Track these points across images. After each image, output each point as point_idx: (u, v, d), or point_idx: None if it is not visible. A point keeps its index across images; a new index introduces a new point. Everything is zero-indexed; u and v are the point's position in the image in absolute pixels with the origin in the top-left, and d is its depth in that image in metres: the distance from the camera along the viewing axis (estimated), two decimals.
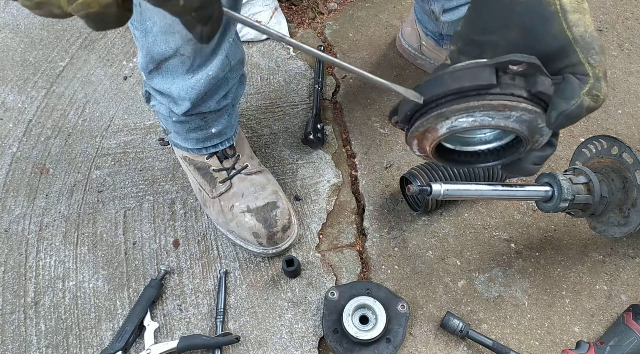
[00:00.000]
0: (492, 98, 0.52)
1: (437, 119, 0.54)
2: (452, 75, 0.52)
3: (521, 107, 0.52)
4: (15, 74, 1.29)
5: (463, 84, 0.52)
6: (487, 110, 0.52)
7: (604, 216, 0.92)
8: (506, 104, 0.52)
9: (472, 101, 0.52)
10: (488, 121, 0.53)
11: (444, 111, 0.53)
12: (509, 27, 0.54)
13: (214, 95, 0.90)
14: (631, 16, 1.38)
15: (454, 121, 0.54)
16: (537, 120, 0.54)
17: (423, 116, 0.55)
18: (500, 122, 0.53)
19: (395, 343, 0.89)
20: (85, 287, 1.00)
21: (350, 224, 1.08)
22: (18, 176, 1.14)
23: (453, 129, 0.55)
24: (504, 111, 0.52)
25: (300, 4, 1.45)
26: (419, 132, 0.57)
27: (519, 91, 0.52)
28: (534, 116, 0.53)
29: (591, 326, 0.96)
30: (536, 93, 0.52)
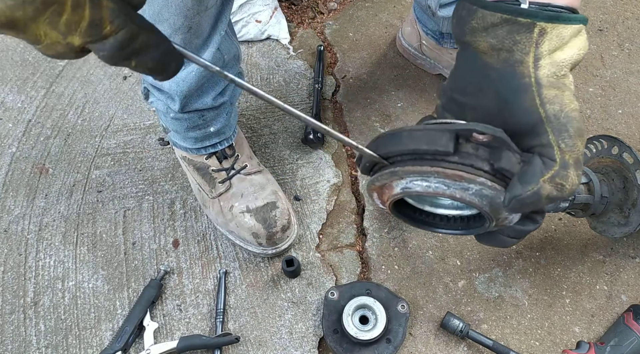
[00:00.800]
0: (446, 166, 0.47)
1: (391, 176, 0.50)
2: (410, 134, 0.49)
3: (479, 181, 0.47)
4: (15, 73, 1.29)
5: (419, 147, 0.48)
6: (442, 178, 0.48)
7: (605, 216, 0.92)
8: (462, 175, 0.47)
9: (426, 166, 0.48)
10: (443, 189, 0.49)
11: (398, 170, 0.49)
12: (483, 92, 0.50)
13: (210, 91, 0.90)
14: (631, 16, 1.38)
15: (408, 182, 0.50)
16: (500, 197, 0.49)
17: (379, 171, 0.52)
18: (456, 192, 0.49)
19: (395, 343, 0.89)
20: (84, 287, 1.00)
21: (350, 224, 1.08)
22: (17, 175, 1.13)
23: (406, 191, 0.51)
24: (461, 182, 0.48)
25: (300, 3, 1.44)
26: (375, 186, 0.53)
27: (480, 164, 0.48)
28: (494, 192, 0.48)
29: (591, 326, 0.96)
30: (498, 169, 0.48)
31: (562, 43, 0.47)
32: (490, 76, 0.49)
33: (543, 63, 0.47)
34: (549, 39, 0.46)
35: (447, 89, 0.54)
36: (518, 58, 0.47)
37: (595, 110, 1.21)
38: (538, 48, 0.46)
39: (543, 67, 0.47)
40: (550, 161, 0.46)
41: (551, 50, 0.47)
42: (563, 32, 0.46)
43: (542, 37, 0.46)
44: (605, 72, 1.27)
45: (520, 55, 0.47)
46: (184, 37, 0.79)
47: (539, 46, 0.46)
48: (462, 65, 0.52)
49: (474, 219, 0.57)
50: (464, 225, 0.58)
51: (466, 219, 0.58)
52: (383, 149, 0.51)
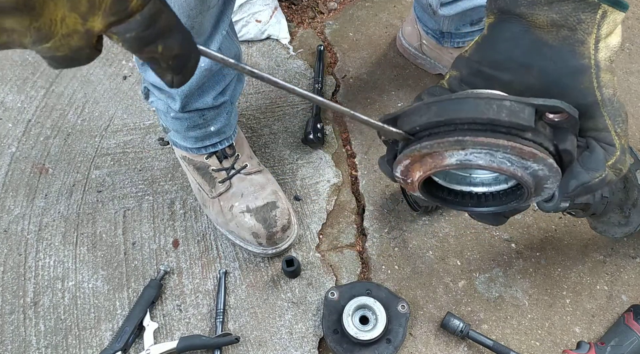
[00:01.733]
0: (524, 142, 0.44)
1: (452, 145, 0.45)
2: (487, 102, 0.44)
3: (547, 162, 0.45)
4: (15, 73, 1.29)
5: (499, 117, 0.44)
6: (512, 154, 0.45)
7: (605, 216, 0.92)
8: (536, 154, 0.45)
9: (502, 139, 0.44)
10: (507, 166, 0.46)
11: (466, 139, 0.44)
12: (529, 69, 0.48)
13: (210, 90, 0.90)
14: (632, 16, 1.38)
15: (469, 154, 0.46)
16: (550, 179, 0.47)
17: (434, 137, 0.46)
18: (517, 171, 0.46)
19: (395, 344, 0.89)
20: (84, 287, 1.00)
21: (350, 224, 1.07)
22: (17, 175, 1.13)
23: (465, 163, 0.47)
24: (527, 160, 0.45)
25: (300, 3, 1.44)
26: (418, 154, 0.48)
27: (547, 143, 0.46)
28: (551, 174, 0.47)
29: (592, 327, 0.95)
30: (562, 150, 0.46)
31: (614, 28, 0.47)
32: (542, 53, 0.47)
33: (601, 46, 0.46)
34: (607, 23, 0.46)
35: (472, 61, 0.52)
36: (580, 38, 0.46)
37: None
38: (599, 30, 0.46)
39: (601, 50, 0.46)
40: (610, 146, 0.47)
41: (607, 34, 0.46)
42: (617, 18, 0.46)
43: (603, 20, 0.45)
44: None
45: (583, 35, 0.46)
46: None
47: (600, 28, 0.46)
48: (500, 38, 0.49)
49: (496, 196, 0.55)
50: (487, 203, 0.55)
51: (489, 197, 0.55)
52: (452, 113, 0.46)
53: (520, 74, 0.48)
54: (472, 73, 0.52)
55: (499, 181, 0.55)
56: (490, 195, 0.55)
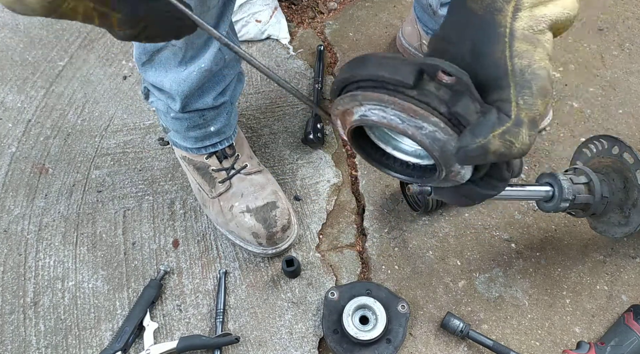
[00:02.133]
0: (403, 98, 0.46)
1: (352, 101, 0.49)
2: (378, 60, 0.47)
3: (432, 121, 0.45)
4: (15, 73, 1.29)
5: (381, 73, 0.46)
6: (398, 110, 0.46)
7: (605, 216, 0.92)
8: (416, 110, 0.45)
9: (385, 94, 0.46)
10: (397, 122, 0.47)
11: (358, 94, 0.48)
12: (462, 40, 0.48)
13: (210, 91, 0.90)
14: (632, 16, 1.38)
15: (367, 110, 0.49)
16: (452, 144, 0.47)
17: (342, 94, 0.50)
18: (408, 129, 0.47)
19: (395, 344, 0.89)
20: (84, 287, 1.00)
21: (350, 224, 1.07)
22: (17, 175, 1.13)
23: (363, 119, 0.50)
24: (415, 118, 0.46)
25: (300, 3, 1.44)
26: (339, 111, 0.52)
27: (436, 104, 0.46)
28: (447, 137, 0.46)
29: (592, 327, 0.95)
30: (454, 113, 0.45)
31: None
32: (471, 22, 0.47)
33: (522, 15, 0.45)
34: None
35: (433, 39, 0.53)
36: (499, 6, 0.45)
37: (596, 110, 1.21)
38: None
39: (521, 18, 0.45)
40: (505, 116, 0.44)
41: (534, 3, 0.45)
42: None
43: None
44: (606, 72, 1.27)
45: (501, 3, 0.45)
46: (186, 38, 0.79)
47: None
48: (450, 13, 0.50)
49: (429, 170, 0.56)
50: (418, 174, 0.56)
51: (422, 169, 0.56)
52: (348, 71, 0.49)
53: (458, 46, 0.48)
54: (432, 50, 0.52)
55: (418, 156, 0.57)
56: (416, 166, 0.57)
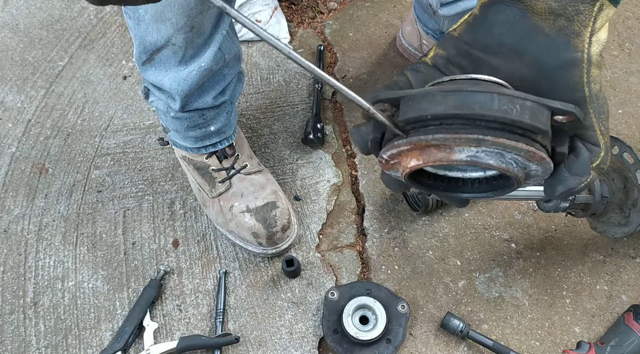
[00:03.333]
0: (537, 147, 0.43)
1: (470, 142, 0.43)
2: (510, 100, 0.42)
3: (547, 166, 0.44)
4: (15, 73, 1.29)
5: (522, 119, 0.41)
6: (522, 156, 0.43)
7: (605, 216, 0.92)
8: (544, 158, 0.43)
9: (522, 142, 0.42)
10: (512, 167, 0.44)
11: (487, 139, 0.42)
12: (522, 56, 0.45)
13: (210, 90, 0.90)
14: (632, 16, 1.38)
15: (480, 152, 0.43)
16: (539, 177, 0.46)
17: (448, 130, 0.43)
18: (519, 171, 0.45)
19: (395, 344, 0.89)
20: (84, 287, 1.00)
21: (350, 224, 1.07)
22: (17, 175, 1.13)
23: (474, 161, 0.44)
24: (532, 162, 0.44)
25: (300, 3, 1.44)
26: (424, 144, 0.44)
27: (549, 145, 0.44)
28: (543, 175, 0.46)
29: (592, 327, 0.95)
30: (559, 153, 0.44)
31: (605, 22, 0.45)
32: (537, 41, 0.45)
33: (594, 39, 0.45)
34: (602, 17, 0.44)
35: (462, 42, 0.49)
36: (576, 29, 0.44)
37: None
38: (595, 23, 0.44)
39: (594, 44, 0.45)
40: (595, 147, 0.45)
41: (599, 28, 0.45)
42: (610, 13, 0.45)
43: (599, 13, 0.44)
44: (606, 72, 1.27)
45: (579, 27, 0.44)
46: (186, 37, 0.79)
47: (596, 22, 0.44)
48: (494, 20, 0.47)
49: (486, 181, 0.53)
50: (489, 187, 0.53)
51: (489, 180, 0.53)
52: (459, 108, 0.42)
53: (511, 61, 0.46)
54: (460, 54, 0.50)
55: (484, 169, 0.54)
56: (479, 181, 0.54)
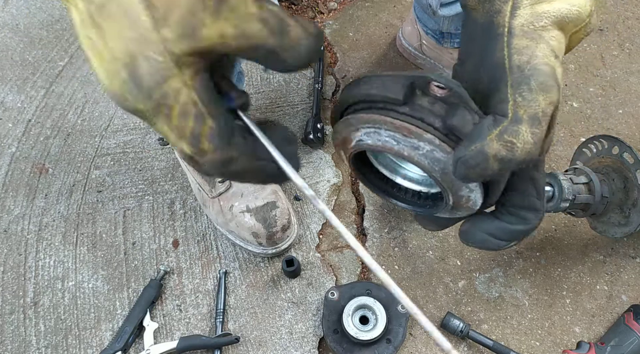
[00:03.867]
0: (395, 116, 0.42)
1: (347, 127, 0.45)
2: (370, 79, 0.44)
3: (427, 138, 0.41)
4: (15, 73, 1.29)
5: (370, 92, 0.43)
6: (392, 130, 0.42)
7: (605, 216, 0.92)
8: (409, 128, 0.41)
9: (376, 114, 0.42)
10: (392, 144, 0.43)
11: (351, 118, 0.45)
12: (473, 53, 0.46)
13: None
14: (632, 16, 1.38)
15: (362, 135, 0.45)
16: None
17: (337, 121, 0.47)
18: (404, 150, 0.43)
19: (395, 344, 0.89)
20: (84, 287, 1.00)
21: (351, 224, 1.07)
22: (17, 175, 1.13)
23: (360, 144, 0.45)
24: (410, 138, 0.42)
25: (300, 3, 1.44)
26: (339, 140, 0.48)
27: (431, 119, 0.41)
28: (446, 156, 0.42)
29: (592, 327, 0.95)
30: (450, 126, 0.41)
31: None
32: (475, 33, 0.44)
33: (521, 12, 0.42)
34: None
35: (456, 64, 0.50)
36: (497, 8, 0.43)
37: (596, 110, 1.21)
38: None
39: (519, 16, 0.42)
40: (501, 117, 0.40)
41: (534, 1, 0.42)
42: None
43: None
44: (606, 72, 1.27)
45: (499, 4, 0.43)
46: None
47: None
48: (462, 34, 0.48)
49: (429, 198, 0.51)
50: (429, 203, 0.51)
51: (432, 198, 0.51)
52: (342, 95, 0.46)
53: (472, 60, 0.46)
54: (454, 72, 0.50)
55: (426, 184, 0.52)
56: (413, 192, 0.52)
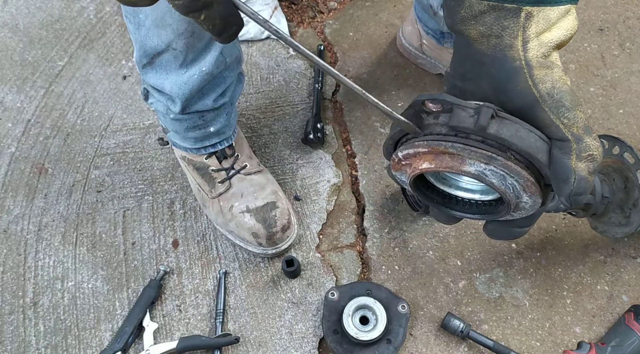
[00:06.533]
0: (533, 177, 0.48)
1: (481, 158, 0.48)
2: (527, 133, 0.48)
3: (536, 198, 0.49)
4: (14, 73, 1.29)
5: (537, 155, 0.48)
6: (521, 183, 0.48)
7: (605, 216, 0.92)
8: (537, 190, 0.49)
9: (525, 171, 0.48)
10: (509, 192, 0.50)
11: (498, 159, 0.47)
12: (479, 77, 0.51)
13: (211, 93, 0.90)
14: (632, 15, 1.38)
15: (487, 170, 0.48)
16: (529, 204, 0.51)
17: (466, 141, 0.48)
18: (513, 198, 0.50)
19: (395, 344, 0.89)
20: (84, 287, 1.00)
21: (351, 224, 1.07)
22: (17, 175, 1.13)
23: (480, 176, 0.49)
24: (526, 192, 0.49)
25: (300, 3, 1.44)
26: (440, 149, 0.49)
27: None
28: (534, 202, 0.50)
29: (592, 327, 0.95)
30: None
31: (549, 24, 0.48)
32: (483, 62, 0.50)
33: (531, 45, 0.48)
34: (536, 22, 0.47)
35: (449, 76, 0.56)
36: (507, 43, 0.48)
37: (596, 110, 1.21)
38: (525, 31, 0.47)
39: (531, 49, 0.48)
40: (563, 142, 0.47)
41: (539, 32, 0.48)
42: (550, 14, 0.47)
43: (528, 21, 0.47)
44: (606, 72, 1.27)
45: (509, 39, 0.48)
46: (187, 41, 0.79)
47: (527, 29, 0.47)
48: (459, 53, 0.53)
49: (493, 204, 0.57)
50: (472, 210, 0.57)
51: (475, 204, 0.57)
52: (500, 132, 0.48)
53: (477, 83, 0.51)
54: (451, 87, 0.55)
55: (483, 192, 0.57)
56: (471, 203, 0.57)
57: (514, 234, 0.58)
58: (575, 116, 0.47)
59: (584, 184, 0.48)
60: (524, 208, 0.52)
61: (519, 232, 0.57)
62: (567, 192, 0.48)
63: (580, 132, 0.47)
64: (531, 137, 0.47)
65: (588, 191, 0.48)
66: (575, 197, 0.48)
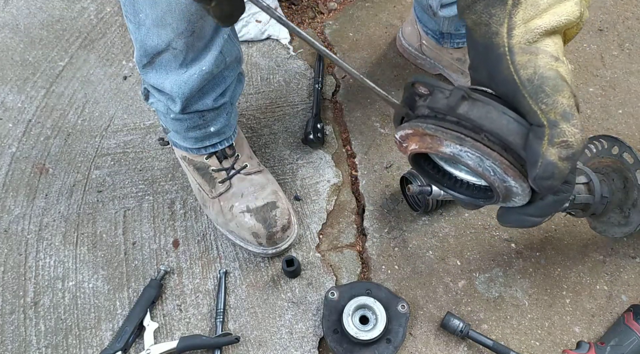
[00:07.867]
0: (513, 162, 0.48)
1: (453, 138, 0.49)
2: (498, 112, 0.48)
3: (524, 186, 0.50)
4: (15, 73, 1.29)
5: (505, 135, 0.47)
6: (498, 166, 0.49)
7: (605, 216, 0.92)
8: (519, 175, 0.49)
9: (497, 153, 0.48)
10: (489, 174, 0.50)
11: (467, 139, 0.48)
12: (480, 65, 0.52)
13: (211, 92, 0.90)
14: (632, 16, 1.38)
15: (463, 151, 0.49)
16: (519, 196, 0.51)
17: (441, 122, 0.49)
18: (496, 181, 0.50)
19: (395, 343, 0.89)
20: (84, 287, 1.00)
21: (350, 224, 1.08)
22: (17, 175, 1.13)
23: (456, 158, 0.50)
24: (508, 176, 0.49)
25: (300, 3, 1.44)
26: (420, 130, 0.51)
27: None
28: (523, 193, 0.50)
29: (592, 327, 0.95)
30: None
31: (539, 11, 0.48)
32: (478, 50, 0.51)
33: (516, 32, 0.48)
34: (524, 9, 0.47)
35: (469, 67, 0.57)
36: (494, 30, 0.48)
37: (596, 110, 1.21)
38: (512, 18, 0.48)
39: (516, 36, 0.48)
40: (539, 127, 0.47)
41: (526, 19, 0.47)
42: (539, 1, 0.47)
43: (515, 8, 0.47)
44: (606, 72, 1.27)
45: (496, 27, 0.48)
46: (187, 41, 0.79)
47: (513, 16, 0.48)
48: (467, 43, 0.55)
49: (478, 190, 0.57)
50: (468, 192, 0.58)
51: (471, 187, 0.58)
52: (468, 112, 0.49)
53: (479, 72, 0.52)
54: (471, 77, 0.56)
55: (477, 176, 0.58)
56: (465, 183, 0.58)
57: (523, 222, 0.56)
58: (554, 102, 0.46)
59: (550, 168, 0.46)
60: (518, 193, 0.51)
61: (529, 221, 0.56)
62: (533, 176, 0.47)
63: (558, 117, 0.46)
64: (503, 119, 0.47)
65: (558, 177, 0.47)
66: (541, 182, 0.47)
